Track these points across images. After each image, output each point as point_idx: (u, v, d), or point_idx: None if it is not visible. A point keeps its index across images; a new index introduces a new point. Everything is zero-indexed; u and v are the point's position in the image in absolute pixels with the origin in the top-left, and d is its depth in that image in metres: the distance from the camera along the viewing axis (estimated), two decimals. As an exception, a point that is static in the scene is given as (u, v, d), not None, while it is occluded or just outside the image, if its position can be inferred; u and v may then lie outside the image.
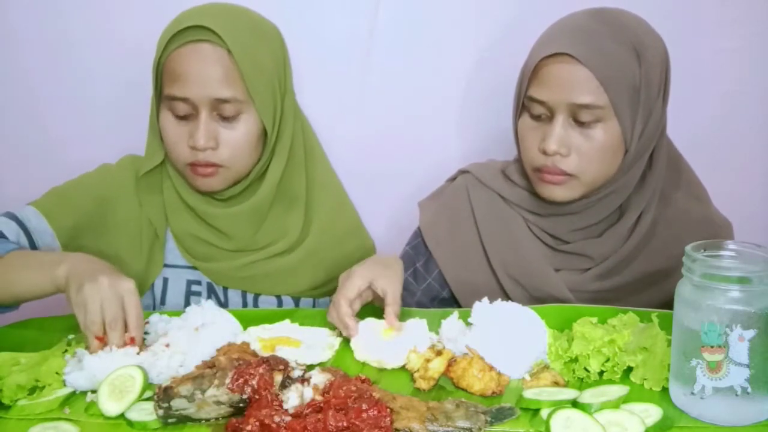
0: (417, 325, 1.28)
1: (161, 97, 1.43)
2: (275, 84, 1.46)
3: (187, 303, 1.51)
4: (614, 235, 1.44)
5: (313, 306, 1.58)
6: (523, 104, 1.41)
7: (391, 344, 1.23)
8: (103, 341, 1.20)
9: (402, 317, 1.32)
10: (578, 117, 1.33)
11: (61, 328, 1.36)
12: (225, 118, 1.41)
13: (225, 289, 1.54)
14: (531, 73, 1.37)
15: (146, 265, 1.51)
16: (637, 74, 1.33)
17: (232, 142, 1.42)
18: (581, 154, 1.35)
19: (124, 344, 1.21)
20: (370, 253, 1.61)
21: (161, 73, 1.42)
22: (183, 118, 1.42)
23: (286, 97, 1.50)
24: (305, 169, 1.56)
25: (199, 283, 1.54)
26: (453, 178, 1.60)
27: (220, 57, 1.38)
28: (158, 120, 1.45)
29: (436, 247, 1.53)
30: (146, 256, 1.51)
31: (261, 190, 1.50)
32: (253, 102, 1.42)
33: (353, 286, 1.30)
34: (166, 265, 1.54)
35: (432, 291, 1.54)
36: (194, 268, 1.53)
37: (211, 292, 1.54)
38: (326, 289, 1.57)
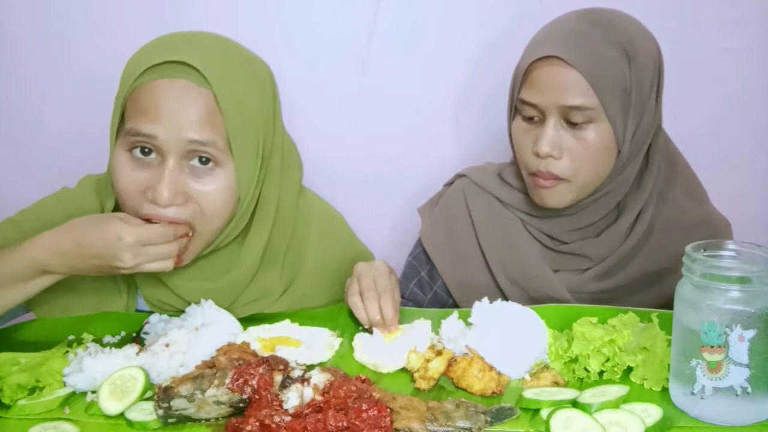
0: (421, 327, 1.28)
1: (119, 133, 1.23)
2: (260, 137, 1.28)
3: None
4: (612, 235, 1.44)
5: None
6: (516, 107, 1.41)
7: (394, 347, 1.23)
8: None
9: (402, 317, 1.33)
10: (570, 118, 1.34)
11: (62, 328, 1.36)
12: (200, 166, 1.21)
13: None
14: (522, 77, 1.38)
15: (112, 307, 1.37)
16: (628, 75, 1.34)
17: (204, 200, 1.21)
18: (573, 155, 1.35)
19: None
20: None
21: (125, 105, 1.21)
22: (143, 162, 1.21)
23: (272, 155, 1.32)
24: (292, 228, 1.39)
25: None
26: (450, 183, 1.61)
27: (203, 96, 1.19)
28: (112, 163, 1.23)
29: (435, 252, 1.54)
30: (111, 297, 1.37)
31: (242, 264, 1.33)
32: (232, 157, 1.23)
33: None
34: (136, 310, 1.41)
35: (439, 299, 1.54)
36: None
37: None
38: None
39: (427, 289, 1.55)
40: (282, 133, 1.37)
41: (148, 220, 1.20)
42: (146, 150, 1.21)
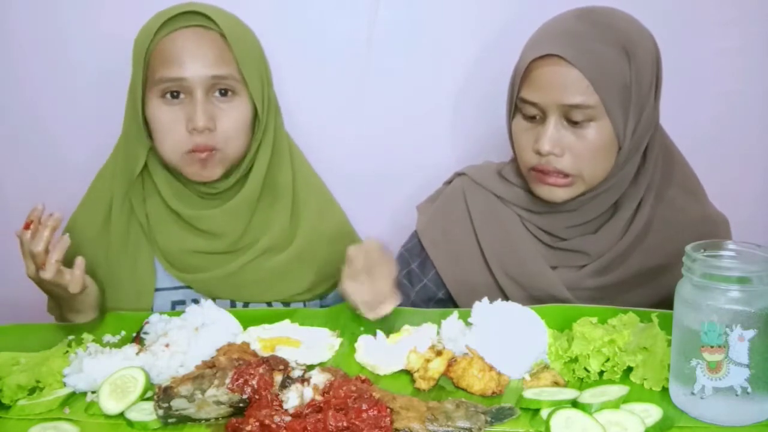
0: (427, 331, 1.28)
1: (147, 85, 1.42)
2: (262, 71, 1.48)
3: None
4: (610, 231, 1.44)
5: None
6: (516, 106, 1.41)
7: (396, 349, 1.22)
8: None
9: (401, 317, 1.33)
10: (570, 117, 1.34)
11: (61, 329, 1.36)
12: (221, 97, 1.41)
13: (213, 300, 1.47)
14: (522, 75, 1.38)
15: (137, 295, 1.50)
16: (627, 73, 1.34)
17: (228, 125, 1.41)
18: (575, 153, 1.35)
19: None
20: None
21: (149, 61, 1.41)
22: (175, 103, 1.40)
23: (270, 88, 1.51)
24: (291, 163, 1.56)
25: (183, 302, 1.51)
26: (449, 181, 1.61)
27: (214, 39, 1.41)
28: (144, 111, 1.43)
29: (433, 249, 1.54)
30: (134, 282, 1.50)
31: (249, 182, 1.49)
32: (245, 85, 1.43)
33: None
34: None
35: (428, 292, 1.54)
36: (179, 288, 1.51)
37: None
38: (316, 292, 1.56)
39: (416, 281, 1.55)
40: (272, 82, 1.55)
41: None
42: (175, 93, 1.40)
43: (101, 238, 1.51)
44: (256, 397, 1.05)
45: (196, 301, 1.47)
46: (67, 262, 1.32)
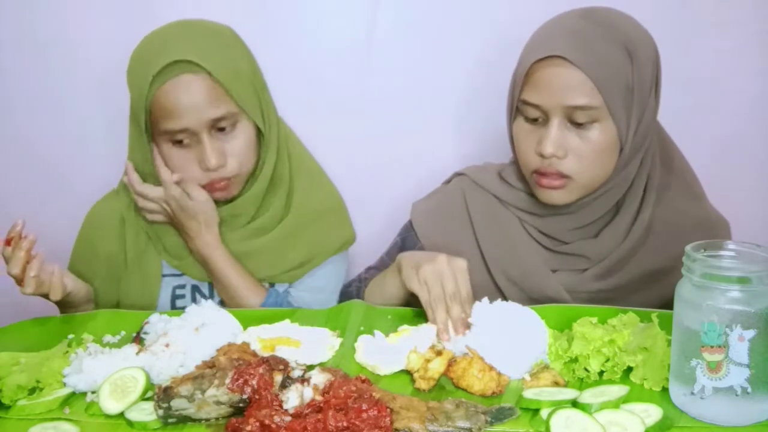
0: (427, 331, 1.28)
1: (154, 132, 1.47)
2: (254, 85, 1.51)
3: (173, 306, 1.56)
4: (611, 235, 1.44)
5: (287, 291, 1.59)
6: (517, 108, 1.41)
7: (397, 349, 1.22)
8: None
9: (401, 317, 1.32)
10: (574, 118, 1.33)
11: (61, 328, 1.36)
12: (223, 132, 1.46)
13: (210, 284, 1.57)
14: (524, 77, 1.37)
15: (144, 281, 1.56)
16: (630, 73, 1.34)
17: (237, 153, 1.48)
18: (578, 155, 1.35)
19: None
20: (348, 238, 1.65)
21: (149, 111, 1.45)
22: (184, 145, 1.46)
23: (264, 92, 1.55)
24: (288, 154, 1.60)
25: (183, 286, 1.57)
26: (448, 181, 1.61)
27: (205, 81, 1.43)
28: (159, 152, 1.49)
29: (431, 248, 1.53)
30: (141, 278, 1.57)
31: (258, 181, 1.55)
32: (243, 111, 1.48)
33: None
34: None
35: None
36: (180, 274, 1.57)
37: (195, 291, 1.57)
38: (306, 268, 1.60)
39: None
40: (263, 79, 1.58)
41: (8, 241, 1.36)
42: (183, 138, 1.46)
43: (118, 232, 1.57)
44: (256, 397, 1.05)
45: (196, 288, 1.56)
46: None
